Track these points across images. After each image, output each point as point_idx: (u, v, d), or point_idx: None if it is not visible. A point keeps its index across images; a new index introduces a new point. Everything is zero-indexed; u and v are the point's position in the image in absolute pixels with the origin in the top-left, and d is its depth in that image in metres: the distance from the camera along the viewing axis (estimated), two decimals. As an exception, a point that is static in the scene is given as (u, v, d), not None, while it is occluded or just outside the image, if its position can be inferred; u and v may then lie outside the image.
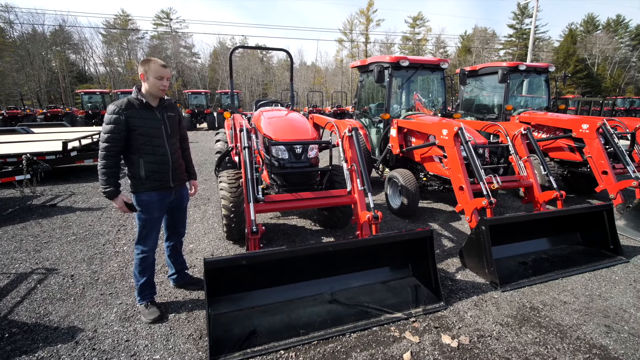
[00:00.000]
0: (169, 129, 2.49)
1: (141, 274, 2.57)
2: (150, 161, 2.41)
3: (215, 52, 48.58)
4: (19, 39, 37.03)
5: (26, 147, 6.58)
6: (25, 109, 20.24)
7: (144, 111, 2.38)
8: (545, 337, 2.36)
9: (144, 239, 2.52)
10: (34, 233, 4.24)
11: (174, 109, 2.60)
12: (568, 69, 40.70)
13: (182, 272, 3.00)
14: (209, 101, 22.36)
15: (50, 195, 5.89)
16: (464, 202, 3.63)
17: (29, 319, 2.56)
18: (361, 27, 48.47)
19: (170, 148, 2.49)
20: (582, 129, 4.91)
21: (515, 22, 49.59)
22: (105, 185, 2.32)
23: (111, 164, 2.32)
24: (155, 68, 2.34)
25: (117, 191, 2.36)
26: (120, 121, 2.28)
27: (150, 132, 2.39)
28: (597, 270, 3.30)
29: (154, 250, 2.61)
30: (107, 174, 2.31)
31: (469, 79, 7.53)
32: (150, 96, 2.41)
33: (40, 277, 3.19)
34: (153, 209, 2.49)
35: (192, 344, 2.30)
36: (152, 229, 2.54)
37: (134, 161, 2.40)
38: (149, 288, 2.63)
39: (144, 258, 2.54)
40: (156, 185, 2.45)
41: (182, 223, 2.87)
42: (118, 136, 2.30)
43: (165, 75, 2.39)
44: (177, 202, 2.69)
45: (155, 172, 2.43)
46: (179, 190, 2.67)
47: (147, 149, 2.39)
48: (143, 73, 2.36)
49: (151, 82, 2.35)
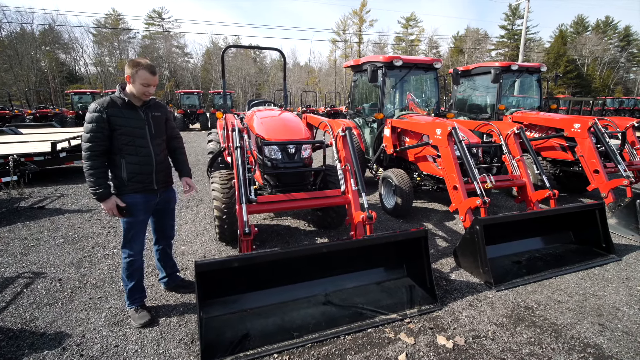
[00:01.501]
0: (153, 130, 2.40)
1: (129, 278, 2.50)
2: (133, 162, 2.33)
3: (208, 52, 48.24)
4: (7, 39, 36.32)
5: (14, 148, 6.43)
6: (14, 109, 19.84)
7: (127, 110, 2.30)
8: (540, 337, 2.35)
9: (130, 243, 2.45)
10: (21, 236, 4.14)
11: (160, 108, 2.51)
12: (559, 69, 41.28)
13: (173, 275, 2.93)
14: (202, 101, 22.18)
15: (38, 197, 5.76)
16: (458, 201, 3.63)
17: (15, 324, 2.48)
18: (354, 27, 48.56)
19: (154, 149, 2.41)
20: (573, 128, 4.95)
21: (507, 23, 50.16)
22: (94, 187, 2.23)
23: (97, 164, 2.24)
24: (144, 75, 2.25)
25: (109, 192, 2.28)
26: (102, 119, 2.19)
27: (133, 132, 2.31)
28: (590, 268, 3.32)
29: (142, 253, 2.53)
30: (95, 175, 2.22)
31: (462, 78, 7.57)
32: (133, 97, 2.33)
33: (27, 281, 3.10)
34: (138, 211, 2.41)
35: (183, 349, 2.24)
36: (138, 232, 2.46)
37: (116, 162, 2.31)
38: (138, 292, 2.56)
39: (131, 262, 2.47)
40: (138, 187, 2.37)
41: (170, 225, 2.79)
42: (101, 135, 2.21)
43: (153, 83, 2.30)
44: (163, 204, 2.61)
45: (137, 173, 2.35)
46: (165, 193, 2.59)
47: (129, 149, 2.31)
48: (130, 76, 2.27)
49: (137, 87, 2.28)
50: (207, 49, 49.06)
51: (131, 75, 2.26)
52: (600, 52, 45.71)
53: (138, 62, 2.28)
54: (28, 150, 6.30)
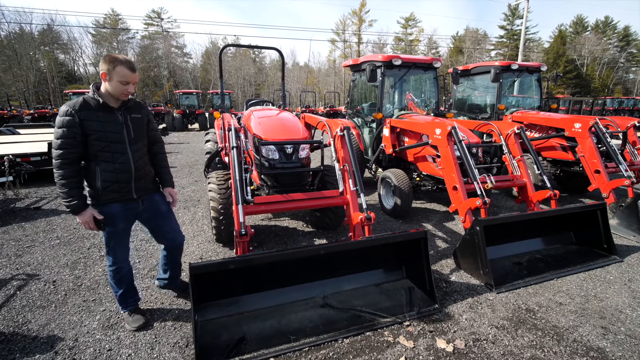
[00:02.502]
0: (132, 133, 2.17)
1: (118, 285, 2.39)
2: (109, 170, 2.11)
3: (207, 52, 48.19)
4: (6, 39, 36.25)
5: (10, 148, 6.38)
6: (12, 109, 19.78)
7: (102, 113, 2.06)
8: (542, 340, 2.31)
9: (113, 251, 2.30)
10: (16, 237, 4.09)
11: (140, 109, 2.27)
12: (558, 69, 41.28)
13: (174, 278, 2.73)
14: (201, 101, 22.13)
15: (34, 198, 5.70)
16: (458, 202, 3.59)
17: (7, 328, 2.43)
18: (354, 27, 48.58)
19: (133, 155, 2.17)
20: (574, 128, 4.91)
21: (506, 23, 50.20)
22: (67, 198, 2.02)
23: (69, 173, 2.02)
24: (122, 72, 2.02)
25: (84, 204, 2.08)
26: (74, 124, 1.97)
27: (109, 136, 2.07)
28: (591, 270, 3.28)
29: (127, 260, 2.40)
30: (67, 185, 2.02)
31: (461, 78, 7.53)
32: (110, 97, 2.10)
33: (21, 283, 3.06)
34: (117, 220, 2.22)
35: (178, 353, 2.20)
36: (120, 240, 2.30)
37: (90, 169, 2.10)
38: (130, 296, 2.47)
39: (117, 269, 2.34)
40: (115, 197, 2.17)
41: (170, 229, 2.51)
42: (73, 141, 1.99)
43: (132, 80, 2.07)
44: (150, 210, 2.39)
45: (113, 182, 2.14)
46: (149, 199, 2.37)
47: (105, 155, 2.08)
48: (105, 72, 2.02)
49: (114, 85, 2.05)
50: (206, 49, 49.04)
51: (107, 72, 2.02)
52: (599, 52, 45.73)
53: (115, 58, 2.03)
54: (24, 151, 6.25)
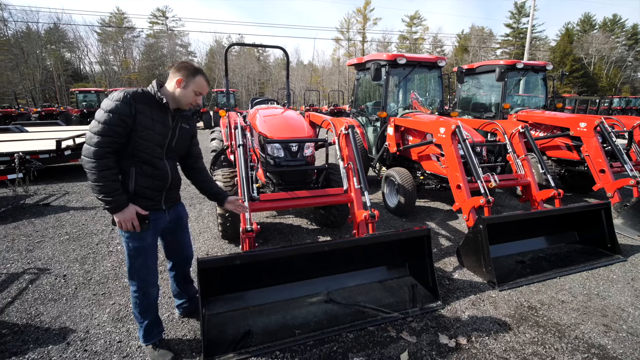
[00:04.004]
0: (174, 142, 2.02)
1: (143, 315, 2.09)
2: (146, 174, 1.92)
3: (212, 50, 48.35)
4: (13, 37, 36.65)
5: (20, 146, 6.49)
6: (19, 107, 20.03)
7: (157, 112, 1.89)
8: (544, 337, 2.34)
9: (138, 272, 2.01)
10: (27, 232, 4.18)
11: (190, 121, 2.16)
12: (565, 68, 40.89)
13: (193, 298, 2.54)
14: (205, 100, 22.25)
15: (43, 195, 5.81)
16: (462, 200, 3.61)
17: (20, 319, 2.51)
18: (358, 25, 48.46)
19: (169, 163, 2.02)
20: (579, 128, 4.90)
21: (512, 22, 49.79)
22: (109, 192, 1.76)
23: (111, 163, 1.78)
24: (201, 83, 1.95)
25: (127, 200, 1.85)
26: (128, 112, 1.76)
27: (155, 138, 1.89)
28: (594, 269, 3.29)
29: (156, 282, 2.13)
30: (107, 178, 1.75)
31: (466, 77, 7.52)
32: (172, 101, 1.96)
33: (32, 277, 3.13)
34: (146, 232, 1.97)
35: (186, 345, 2.25)
36: (148, 258, 2.03)
37: (123, 169, 1.88)
38: (156, 326, 2.19)
39: (145, 295, 2.06)
40: (146, 204, 1.95)
41: (187, 243, 2.38)
42: (122, 130, 1.76)
43: (205, 93, 2.04)
44: (174, 221, 2.21)
45: (147, 187, 1.94)
46: (175, 209, 2.21)
47: (144, 157, 1.89)
48: (182, 79, 1.91)
49: (187, 94, 1.94)
50: (211, 47, 49.19)
51: (185, 79, 1.92)
52: (607, 50, 45.21)
53: (197, 68, 1.97)
54: (33, 148, 6.36)
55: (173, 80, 1.94)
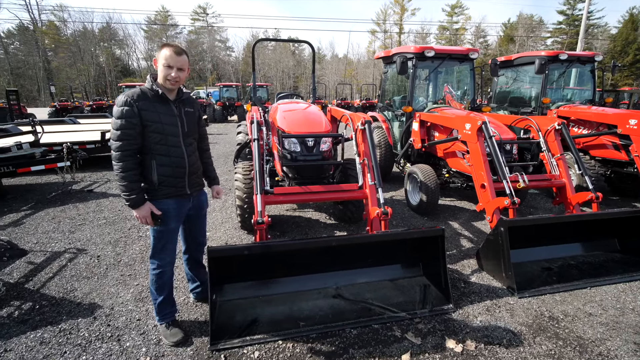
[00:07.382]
0: (186, 127, 2.14)
1: (159, 291, 2.26)
2: (165, 164, 2.07)
3: (249, 45, 49.52)
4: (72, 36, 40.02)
5: (70, 137, 7.14)
6: (75, 101, 21.92)
7: (159, 104, 2.02)
8: (562, 350, 2.18)
9: (160, 253, 2.21)
10: (71, 215, 4.60)
11: (193, 104, 2.25)
12: (627, 58, 36.93)
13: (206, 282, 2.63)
14: (240, 94, 22.89)
15: (88, 182, 6.35)
16: (485, 201, 3.43)
17: (57, 293, 2.80)
18: (395, 17, 47.07)
19: (186, 149, 2.15)
20: (629, 125, 4.43)
21: (566, 8, 45.64)
22: (127, 192, 1.96)
23: (130, 165, 1.97)
24: (165, 54, 1.97)
25: (143, 198, 2.03)
26: (133, 114, 1.93)
27: (166, 129, 2.03)
28: (633, 281, 3.00)
29: (173, 264, 2.30)
30: (127, 178, 1.96)
31: (504, 69, 7.06)
32: (165, 88, 2.05)
33: (72, 256, 3.46)
34: (169, 218, 2.15)
35: (197, 327, 2.39)
36: (169, 241, 2.22)
37: (146, 163, 2.05)
38: (169, 306, 2.34)
39: (161, 273, 2.23)
40: (171, 191, 2.13)
41: (202, 232, 2.53)
42: (133, 132, 1.94)
43: (176, 64, 1.98)
44: (195, 209, 2.36)
45: (169, 176, 2.10)
46: (197, 197, 2.35)
47: (161, 149, 2.05)
48: (156, 59, 2.03)
49: (159, 70, 2.01)
50: (248, 42, 50.37)
51: (157, 57, 2.02)
52: (679, 38, 40.05)
53: (165, 43, 2.05)
54: (82, 139, 6.95)
55: (154, 62, 2.10)
